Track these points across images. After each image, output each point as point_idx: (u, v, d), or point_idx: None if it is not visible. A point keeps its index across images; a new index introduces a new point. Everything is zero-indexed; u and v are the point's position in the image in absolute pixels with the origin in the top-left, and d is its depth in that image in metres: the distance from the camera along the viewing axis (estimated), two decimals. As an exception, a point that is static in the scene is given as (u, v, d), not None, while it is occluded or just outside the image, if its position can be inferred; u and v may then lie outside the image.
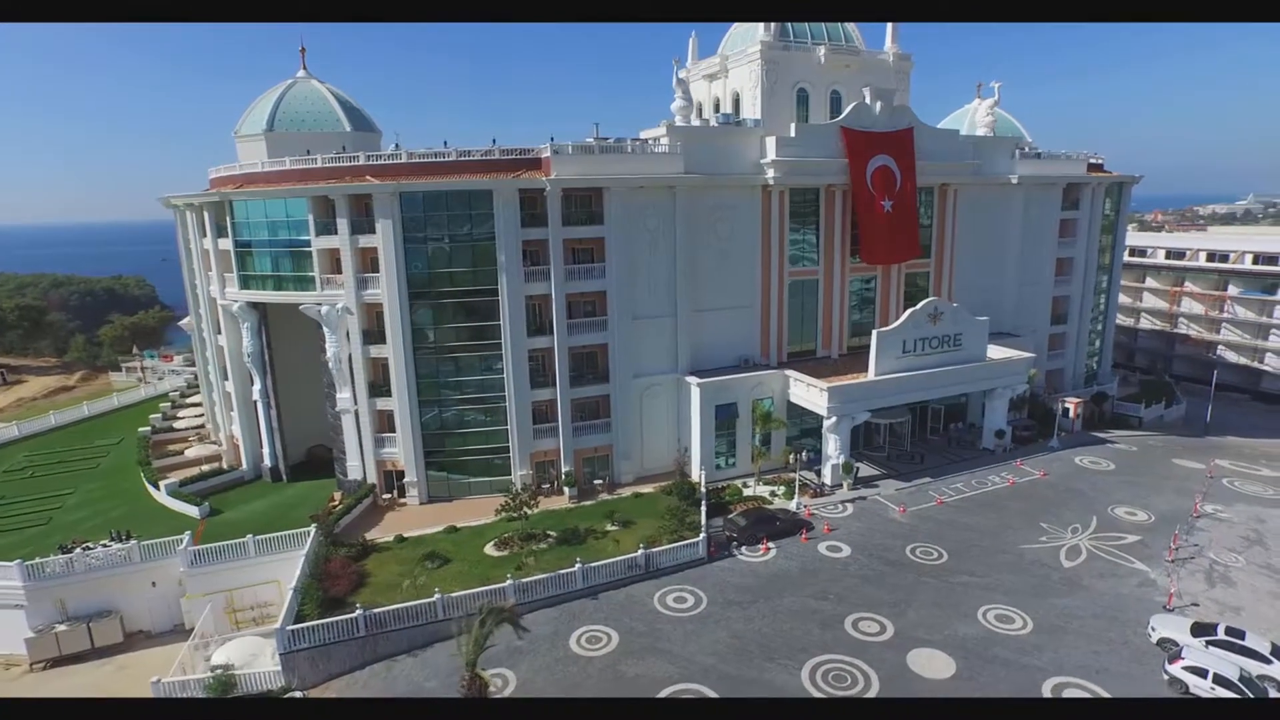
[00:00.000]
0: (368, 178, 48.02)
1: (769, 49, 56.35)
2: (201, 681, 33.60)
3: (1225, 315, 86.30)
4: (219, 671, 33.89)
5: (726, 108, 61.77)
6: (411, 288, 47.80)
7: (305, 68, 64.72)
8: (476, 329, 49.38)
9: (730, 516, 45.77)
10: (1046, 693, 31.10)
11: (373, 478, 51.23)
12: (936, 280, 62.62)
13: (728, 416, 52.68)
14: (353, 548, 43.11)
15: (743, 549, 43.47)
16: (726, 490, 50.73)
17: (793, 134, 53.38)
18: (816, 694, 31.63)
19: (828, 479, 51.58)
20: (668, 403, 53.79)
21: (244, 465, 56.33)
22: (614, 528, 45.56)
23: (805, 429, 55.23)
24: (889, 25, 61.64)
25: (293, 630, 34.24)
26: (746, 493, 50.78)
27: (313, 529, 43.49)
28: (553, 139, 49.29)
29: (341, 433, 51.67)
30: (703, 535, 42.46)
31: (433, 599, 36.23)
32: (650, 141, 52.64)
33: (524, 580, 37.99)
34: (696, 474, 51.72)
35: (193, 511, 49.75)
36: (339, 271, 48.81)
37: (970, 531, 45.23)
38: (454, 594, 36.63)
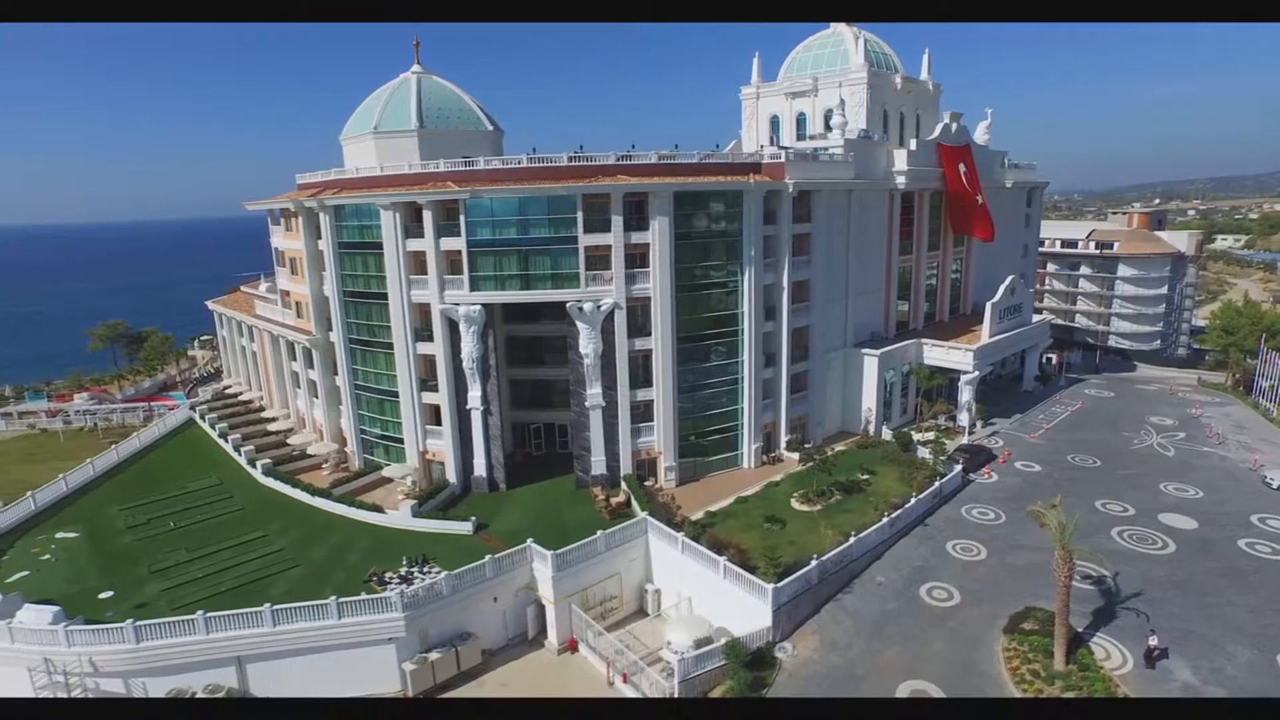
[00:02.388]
0: (620, 177, 50.36)
1: (874, 75, 67.98)
2: (717, 650, 36.20)
3: (1080, 290, 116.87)
4: (725, 640, 36.58)
5: (816, 123, 72.05)
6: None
7: (420, 63, 62.24)
8: (719, 317, 54.16)
9: (951, 454, 56.59)
10: (1254, 518, 46.88)
11: (619, 470, 53.10)
12: (966, 266, 79.32)
13: (890, 379, 63.42)
14: (696, 526, 46.17)
15: (971, 475, 54.72)
16: (910, 438, 61.32)
17: (913, 147, 65.63)
18: (1129, 549, 43.91)
19: (964, 422, 64.78)
20: (838, 372, 62.92)
21: (453, 480, 53.81)
22: (865, 476, 53.87)
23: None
24: (925, 55, 76.88)
25: (776, 588, 37.98)
26: (916, 437, 61.90)
27: (645, 517, 45.73)
28: (762, 146, 55.72)
29: (587, 429, 52.79)
30: (958, 467, 52.98)
31: (849, 542, 42.20)
32: (819, 151, 61.12)
33: (893, 515, 45.39)
34: (874, 430, 61.74)
35: (463, 529, 47.85)
36: (590, 268, 50.27)
37: (1090, 444, 61.28)
38: (863, 534, 42.94)
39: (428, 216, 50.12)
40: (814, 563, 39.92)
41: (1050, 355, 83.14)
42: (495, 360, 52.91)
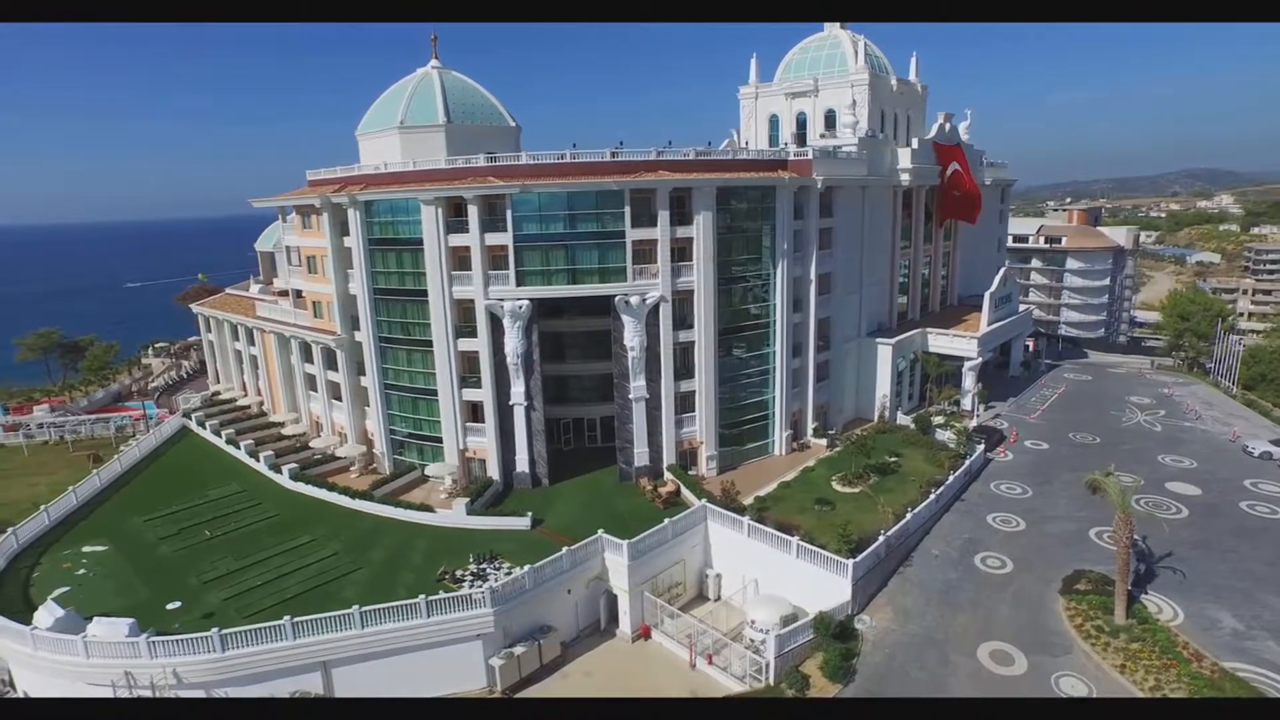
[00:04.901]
0: (661, 172, 51.25)
1: (874, 77, 70.93)
2: (808, 625, 37.61)
3: (1031, 283, 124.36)
4: (809, 616, 38.03)
5: (817, 123, 74.53)
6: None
7: (437, 58, 61.60)
8: (754, 309, 55.69)
9: (972, 435, 59.68)
10: (1247, 483, 51.59)
11: (661, 461, 53.97)
12: (953, 259, 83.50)
13: (899, 367, 66.40)
14: (752, 510, 47.45)
15: (989, 454, 58.03)
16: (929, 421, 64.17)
17: (915, 146, 68.86)
18: (1150, 514, 47.67)
19: (969, 406, 68.39)
20: (853, 361, 65.45)
21: (496, 477, 53.53)
22: (894, 459, 56.40)
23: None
24: (913, 58, 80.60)
25: (855, 562, 39.69)
26: (936, 421, 64.96)
27: (704, 504, 46.85)
28: (785, 144, 57.62)
29: (630, 422, 53.43)
30: (981, 447, 56.13)
31: (907, 518, 44.37)
32: (834, 149, 63.40)
33: (938, 491, 47.92)
34: (889, 416, 64.56)
35: (521, 524, 47.98)
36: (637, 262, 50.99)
37: (1085, 422, 65.67)
38: (916, 509, 45.21)
39: (472, 211, 49.75)
40: (881, 538, 41.87)
41: (1028, 343, 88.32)
42: (538, 355, 52.88)
